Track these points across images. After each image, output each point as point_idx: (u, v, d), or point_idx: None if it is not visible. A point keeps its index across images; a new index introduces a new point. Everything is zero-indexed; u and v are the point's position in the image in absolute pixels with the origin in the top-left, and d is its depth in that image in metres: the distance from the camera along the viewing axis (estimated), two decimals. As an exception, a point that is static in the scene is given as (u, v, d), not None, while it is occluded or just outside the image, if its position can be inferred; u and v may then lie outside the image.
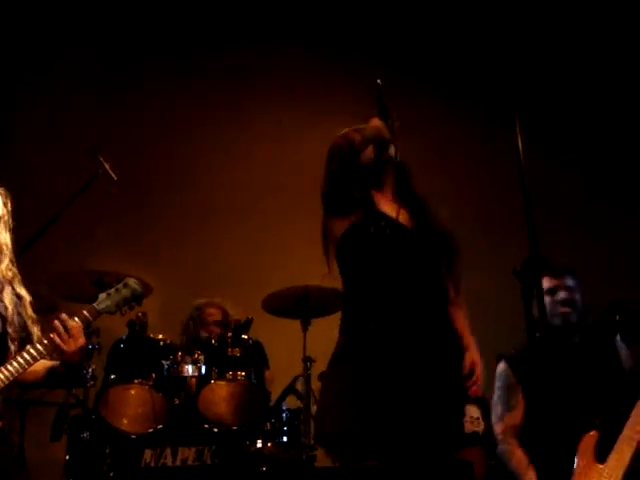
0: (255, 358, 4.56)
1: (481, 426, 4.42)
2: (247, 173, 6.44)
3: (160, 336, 4.57)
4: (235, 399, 4.50)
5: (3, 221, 3.10)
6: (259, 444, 4.45)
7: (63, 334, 2.86)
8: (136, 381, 4.38)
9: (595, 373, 3.79)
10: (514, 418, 3.83)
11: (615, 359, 3.86)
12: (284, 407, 4.65)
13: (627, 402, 3.49)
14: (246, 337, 4.58)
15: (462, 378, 2.97)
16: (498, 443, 3.88)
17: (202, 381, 4.44)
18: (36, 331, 3.05)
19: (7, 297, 3.02)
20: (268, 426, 4.54)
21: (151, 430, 4.36)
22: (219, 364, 4.46)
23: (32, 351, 2.87)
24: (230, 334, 4.57)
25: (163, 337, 4.57)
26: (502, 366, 3.96)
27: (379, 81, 3.06)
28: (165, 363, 4.45)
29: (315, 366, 4.66)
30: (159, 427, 4.35)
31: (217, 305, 5.20)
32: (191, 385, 4.49)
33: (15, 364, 2.83)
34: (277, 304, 4.87)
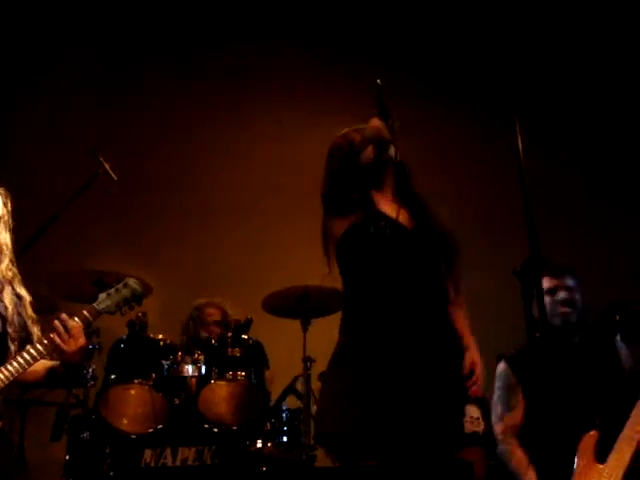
0: (255, 358, 4.56)
1: (481, 426, 4.42)
2: (247, 173, 6.43)
3: (160, 336, 4.57)
4: (235, 399, 4.50)
5: (3, 221, 3.10)
6: (259, 444, 4.45)
7: (63, 334, 2.86)
8: (136, 381, 4.38)
9: (595, 373, 3.79)
10: (514, 418, 3.83)
11: (615, 359, 3.86)
12: (284, 407, 4.65)
13: (627, 402, 3.49)
14: (246, 337, 4.58)
15: (462, 378, 2.96)
16: (498, 443, 3.88)
17: (202, 381, 4.44)
18: (36, 331, 3.05)
19: (7, 297, 3.02)
20: (268, 426, 4.54)
21: (151, 430, 4.36)
22: (219, 364, 4.46)
23: (32, 351, 2.86)
24: (230, 334, 4.57)
25: (163, 337, 4.57)
26: (502, 366, 3.96)
27: (379, 81, 3.06)
28: (165, 363, 4.45)
29: (315, 366, 4.66)
30: (159, 427, 4.35)
31: (217, 305, 5.20)
32: (191, 385, 4.49)
33: (15, 364, 2.83)
34: (277, 304, 4.87)
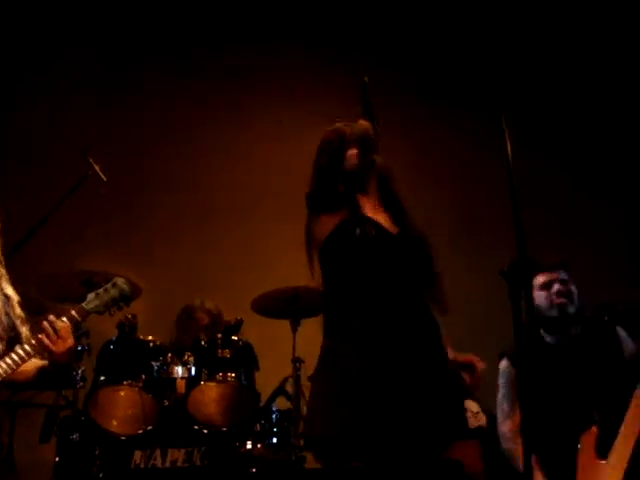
0: (245, 359, 4.57)
1: (483, 420, 4.38)
2: (247, 173, 6.43)
3: (150, 337, 4.58)
4: (225, 400, 4.51)
5: None
6: (249, 445, 4.46)
7: (52, 335, 2.86)
8: (126, 382, 4.39)
9: (595, 365, 3.74)
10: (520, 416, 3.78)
11: (617, 349, 3.80)
12: (274, 408, 4.65)
13: (628, 393, 3.41)
14: (236, 338, 4.59)
15: (451, 375, 2.95)
16: (504, 441, 3.83)
17: (192, 382, 4.46)
18: (25, 331, 3.05)
19: (-5, 297, 3.03)
20: (258, 427, 4.55)
21: (141, 431, 4.36)
22: (209, 365, 4.47)
23: (20, 351, 2.87)
24: (220, 335, 4.58)
25: (153, 338, 4.58)
26: (504, 363, 3.91)
27: (366, 79, 3.06)
28: (155, 364, 4.46)
29: (305, 367, 4.65)
30: (149, 428, 4.36)
31: (206, 310, 5.16)
32: (181, 386, 4.49)
33: (3, 365, 2.84)
34: (267, 305, 4.85)
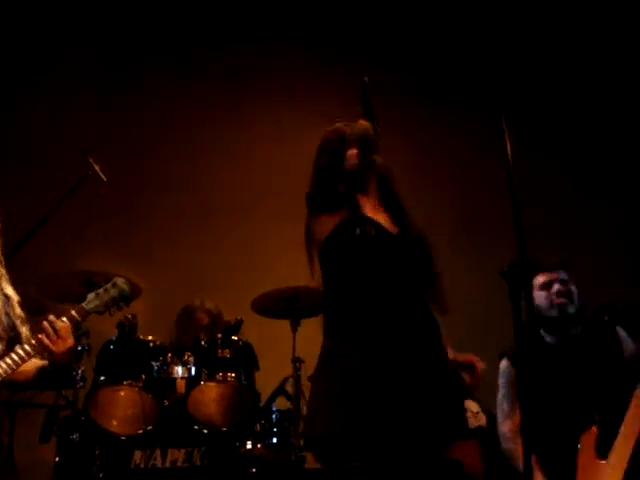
0: (245, 359, 4.57)
1: (483, 420, 4.38)
2: (247, 173, 6.42)
3: (150, 337, 4.58)
4: (225, 400, 4.50)
5: None
6: (249, 445, 4.46)
7: (52, 335, 2.87)
8: (126, 382, 4.39)
9: (595, 365, 3.73)
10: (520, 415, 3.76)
11: (617, 349, 3.79)
12: (274, 408, 4.64)
13: (628, 393, 3.40)
14: (236, 338, 4.59)
15: (451, 375, 2.95)
16: (504, 441, 3.82)
17: (192, 382, 4.46)
18: (25, 331, 3.05)
19: (-5, 297, 3.03)
20: (258, 427, 4.55)
21: (141, 431, 4.36)
22: (209, 365, 4.48)
23: (20, 351, 2.88)
24: (220, 335, 4.58)
25: (153, 338, 4.58)
26: (505, 363, 3.90)
27: (366, 79, 3.06)
28: (155, 364, 4.46)
29: (305, 367, 4.65)
30: (149, 428, 4.36)
31: (206, 310, 5.15)
32: (181, 386, 4.49)
33: (4, 365, 2.84)
34: (267, 305, 4.84)
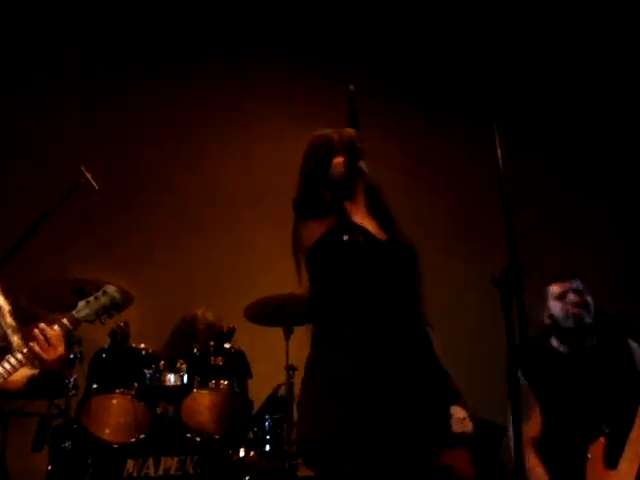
0: (237, 367, 4.56)
1: (469, 426, 4.37)
2: (247, 173, 6.43)
3: (142, 345, 4.57)
4: (218, 408, 4.50)
5: None
6: (242, 453, 4.46)
7: (42, 343, 2.86)
8: (118, 390, 4.38)
9: (607, 377, 3.69)
10: (531, 428, 3.69)
11: (629, 362, 3.77)
12: (267, 416, 4.62)
13: (637, 404, 3.45)
14: (228, 346, 4.59)
15: (440, 380, 2.97)
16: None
17: (184, 390, 4.45)
18: (16, 340, 3.04)
19: (-15, 307, 3.02)
20: (251, 435, 4.54)
21: (133, 440, 4.35)
22: (201, 373, 4.47)
23: (12, 360, 2.87)
24: (212, 343, 4.57)
25: (145, 346, 4.56)
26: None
27: (352, 87, 3.07)
28: (147, 372, 4.45)
29: (298, 374, 4.65)
30: (141, 437, 4.35)
31: (205, 319, 5.11)
32: (173, 394, 4.48)
33: (-4, 374, 2.83)
34: (259, 312, 4.80)
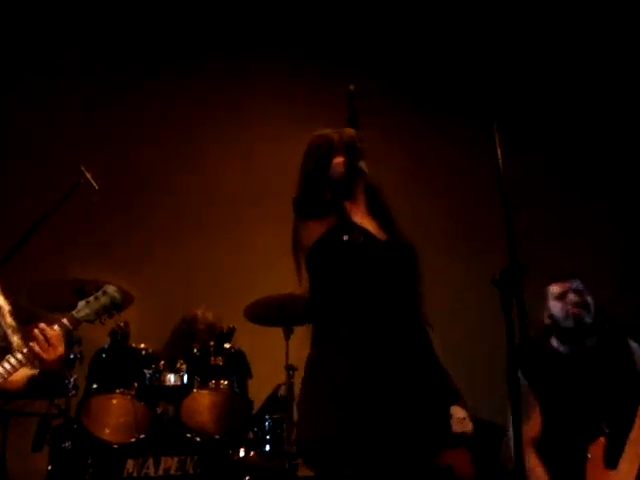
0: (237, 367, 4.56)
1: (469, 426, 4.37)
2: (247, 173, 6.43)
3: (142, 345, 4.56)
4: (218, 408, 4.50)
5: None
6: (242, 453, 4.46)
7: (42, 343, 2.86)
8: (118, 390, 4.38)
9: (607, 377, 3.69)
10: (531, 428, 3.69)
11: (629, 362, 3.76)
12: (267, 416, 4.62)
13: (637, 404, 3.45)
14: (228, 346, 4.59)
15: (440, 379, 2.97)
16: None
17: (184, 390, 4.45)
18: (16, 340, 3.05)
19: (-15, 307, 3.02)
20: (251, 435, 4.54)
21: (133, 440, 4.35)
22: (201, 373, 4.47)
23: (12, 360, 2.87)
24: (212, 343, 4.57)
25: (145, 346, 4.56)
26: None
27: (352, 87, 3.06)
28: (147, 372, 4.46)
29: (298, 374, 4.65)
30: (141, 437, 4.35)
31: (205, 319, 5.12)
32: (173, 394, 4.48)
33: (-4, 374, 2.83)
34: (259, 312, 4.79)
